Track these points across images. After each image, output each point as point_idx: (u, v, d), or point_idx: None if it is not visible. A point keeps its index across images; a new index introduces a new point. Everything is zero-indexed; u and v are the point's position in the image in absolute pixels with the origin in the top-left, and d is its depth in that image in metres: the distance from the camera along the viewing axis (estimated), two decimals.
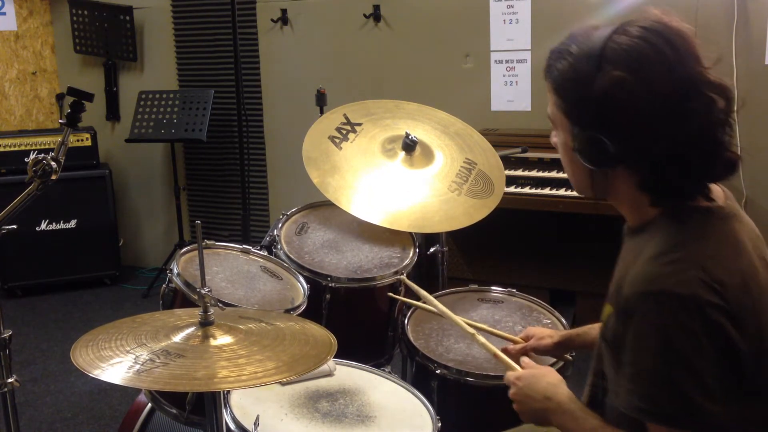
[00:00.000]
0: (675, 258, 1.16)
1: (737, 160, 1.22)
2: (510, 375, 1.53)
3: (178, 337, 1.44)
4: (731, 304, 1.13)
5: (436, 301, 2.03)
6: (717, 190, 1.30)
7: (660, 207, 1.25)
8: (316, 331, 1.57)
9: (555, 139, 1.36)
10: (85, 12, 4.79)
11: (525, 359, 1.60)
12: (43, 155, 1.66)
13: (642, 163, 1.22)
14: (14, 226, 1.69)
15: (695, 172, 1.21)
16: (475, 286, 2.34)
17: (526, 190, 3.46)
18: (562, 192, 3.38)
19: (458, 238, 3.67)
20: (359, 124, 2.37)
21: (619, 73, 1.17)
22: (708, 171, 1.21)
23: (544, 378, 1.46)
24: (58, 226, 4.56)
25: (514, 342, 1.90)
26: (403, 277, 2.17)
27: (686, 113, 1.17)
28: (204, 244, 1.98)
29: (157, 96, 4.58)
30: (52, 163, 1.65)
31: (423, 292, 2.07)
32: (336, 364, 1.87)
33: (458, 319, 1.92)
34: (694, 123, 1.17)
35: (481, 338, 1.81)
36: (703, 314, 1.11)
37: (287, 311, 1.96)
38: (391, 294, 2.18)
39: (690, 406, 1.12)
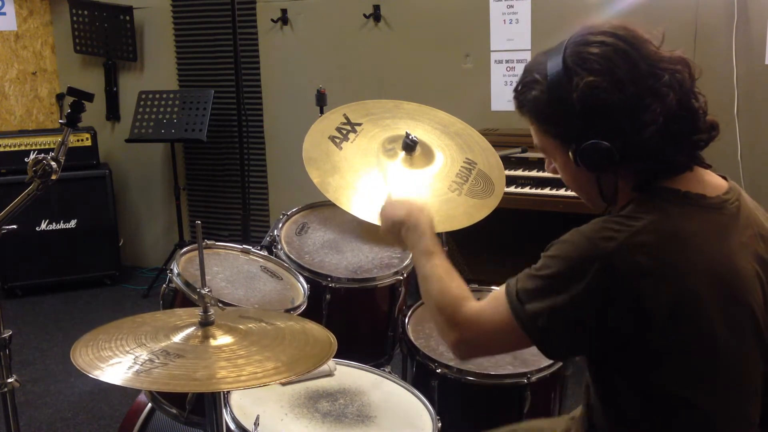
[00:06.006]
0: (618, 221, 1.23)
1: (716, 121, 1.28)
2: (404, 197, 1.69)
3: (177, 338, 1.44)
4: (647, 278, 1.18)
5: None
6: (719, 183, 1.32)
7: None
8: (316, 331, 1.57)
9: (552, 165, 1.42)
10: (85, 12, 4.79)
11: None
12: (43, 155, 1.66)
13: (641, 149, 1.24)
14: (14, 226, 1.69)
15: (685, 143, 1.26)
16: (475, 286, 2.34)
17: (526, 190, 3.46)
18: (562, 192, 3.37)
19: (458, 238, 3.67)
20: (359, 124, 2.37)
21: (589, 78, 1.23)
22: (695, 138, 1.26)
23: (417, 205, 1.61)
24: (58, 226, 4.56)
25: None
26: None
27: (660, 91, 1.23)
28: (204, 244, 1.98)
29: (157, 96, 4.57)
30: (52, 163, 1.65)
31: None
32: (336, 364, 1.87)
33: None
34: (670, 97, 1.22)
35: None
36: (602, 270, 1.18)
37: (287, 311, 1.96)
38: None
39: (525, 301, 1.25)
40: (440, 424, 1.69)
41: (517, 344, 1.32)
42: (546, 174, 3.48)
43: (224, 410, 1.59)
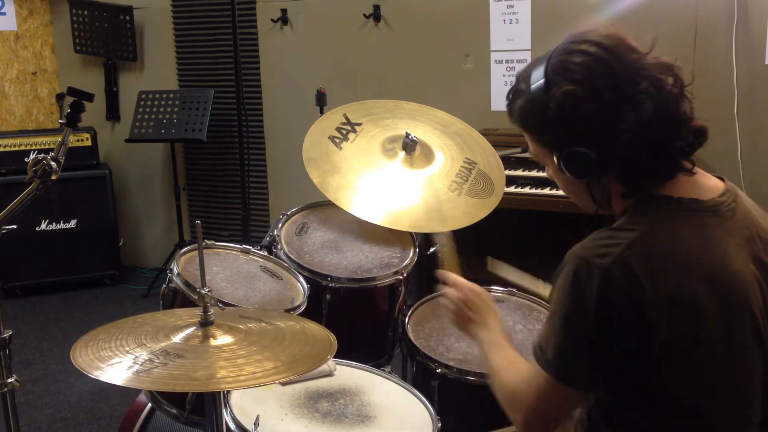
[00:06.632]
0: (610, 234, 1.24)
1: (705, 126, 1.27)
2: (474, 288, 1.64)
3: (178, 338, 1.44)
4: (645, 288, 1.18)
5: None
6: (715, 185, 1.31)
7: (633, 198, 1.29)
8: (316, 330, 1.57)
9: (549, 172, 1.43)
10: (85, 12, 4.79)
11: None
12: (43, 155, 1.66)
13: (619, 157, 1.24)
14: (14, 226, 1.69)
15: (666, 150, 1.25)
16: None
17: (526, 190, 3.45)
18: (561, 192, 3.36)
19: (458, 238, 3.66)
20: (359, 124, 2.37)
21: (567, 87, 1.24)
22: (679, 145, 1.25)
23: (493, 311, 1.60)
24: (58, 226, 4.56)
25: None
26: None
27: (637, 99, 1.22)
28: (204, 244, 1.98)
29: (157, 96, 4.57)
30: (52, 163, 1.65)
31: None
32: (336, 364, 1.87)
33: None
34: (647, 105, 1.22)
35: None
36: (602, 286, 1.18)
37: (287, 311, 1.96)
38: None
39: (546, 349, 1.25)
40: (440, 424, 1.69)
41: (565, 397, 1.29)
42: (546, 174, 3.48)
43: (224, 410, 1.59)
